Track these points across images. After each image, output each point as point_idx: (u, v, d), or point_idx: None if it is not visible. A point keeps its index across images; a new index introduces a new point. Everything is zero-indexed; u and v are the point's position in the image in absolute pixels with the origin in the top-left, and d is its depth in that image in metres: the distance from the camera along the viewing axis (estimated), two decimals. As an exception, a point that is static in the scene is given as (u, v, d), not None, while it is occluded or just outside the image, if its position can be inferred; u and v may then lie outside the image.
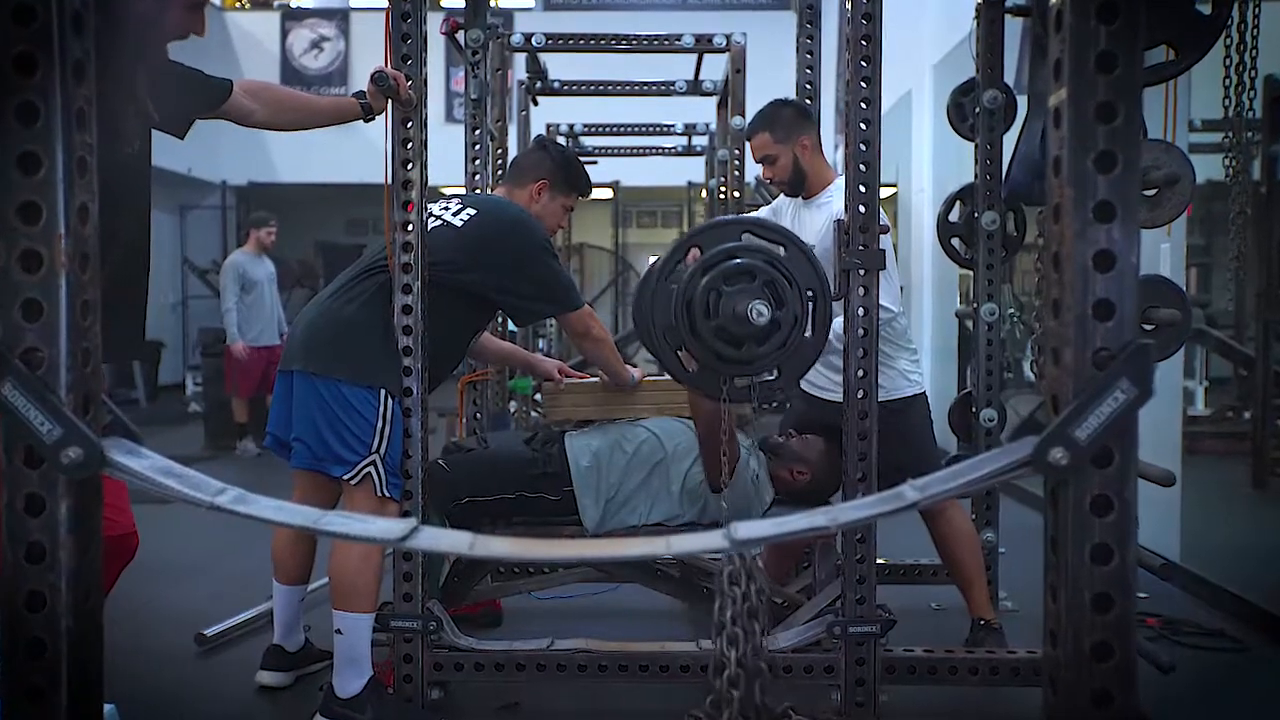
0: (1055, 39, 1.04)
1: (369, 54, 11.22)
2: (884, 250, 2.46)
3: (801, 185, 3.14)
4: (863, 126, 2.44)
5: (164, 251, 11.77)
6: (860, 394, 2.46)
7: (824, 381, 3.09)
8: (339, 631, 2.49)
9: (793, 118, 3.14)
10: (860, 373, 2.46)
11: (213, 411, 7.78)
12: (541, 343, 6.35)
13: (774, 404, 2.29)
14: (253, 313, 7.13)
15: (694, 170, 7.67)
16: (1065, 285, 1.03)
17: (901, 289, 3.33)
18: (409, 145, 2.47)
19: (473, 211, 2.70)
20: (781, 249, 2.22)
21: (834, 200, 3.01)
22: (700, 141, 6.26)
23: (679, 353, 2.28)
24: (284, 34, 12.69)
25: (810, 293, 2.20)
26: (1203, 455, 5.87)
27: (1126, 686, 1.02)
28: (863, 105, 2.43)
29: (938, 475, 1.08)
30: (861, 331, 2.44)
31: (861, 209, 2.43)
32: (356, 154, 7.71)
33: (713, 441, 2.64)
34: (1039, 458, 1.02)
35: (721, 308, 2.13)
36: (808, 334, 2.22)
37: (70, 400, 1.04)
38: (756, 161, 3.23)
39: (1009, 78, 3.46)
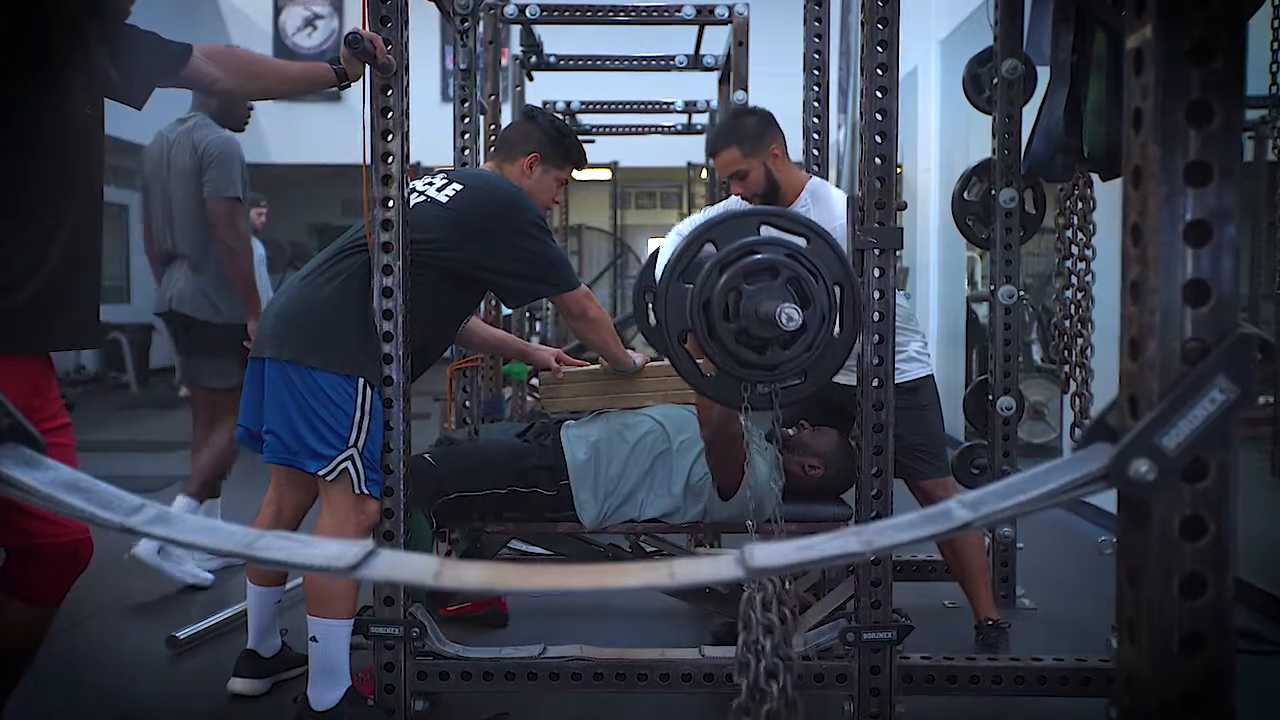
0: (1139, -35, 0.86)
1: (362, 32, 10.94)
2: (901, 229, 2.28)
3: (775, 196, 2.91)
4: (879, 95, 2.25)
5: (154, 233, 11.55)
6: (875, 382, 2.29)
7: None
8: (314, 639, 2.32)
9: (758, 127, 2.89)
10: (876, 360, 2.28)
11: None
12: (538, 325, 6.18)
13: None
14: (242, 295, 6.95)
15: (694, 150, 7.49)
16: (1148, 263, 0.85)
17: (906, 270, 3.16)
18: (389, 115, 2.28)
19: (459, 187, 2.51)
20: (804, 240, 2.01)
21: (821, 199, 2.86)
22: (701, 120, 6.09)
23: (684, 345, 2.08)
24: (276, 12, 12.49)
25: (838, 286, 1.98)
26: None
27: (1220, 744, 0.86)
28: (879, 72, 2.25)
29: (992, 491, 0.91)
30: (877, 315, 2.26)
31: (878, 183, 2.24)
32: (352, 134, 7.49)
33: (720, 445, 2.48)
34: (1118, 471, 0.84)
35: (743, 309, 1.91)
36: (836, 332, 2.00)
37: (-50, 402, 0.87)
38: (724, 179, 2.98)
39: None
